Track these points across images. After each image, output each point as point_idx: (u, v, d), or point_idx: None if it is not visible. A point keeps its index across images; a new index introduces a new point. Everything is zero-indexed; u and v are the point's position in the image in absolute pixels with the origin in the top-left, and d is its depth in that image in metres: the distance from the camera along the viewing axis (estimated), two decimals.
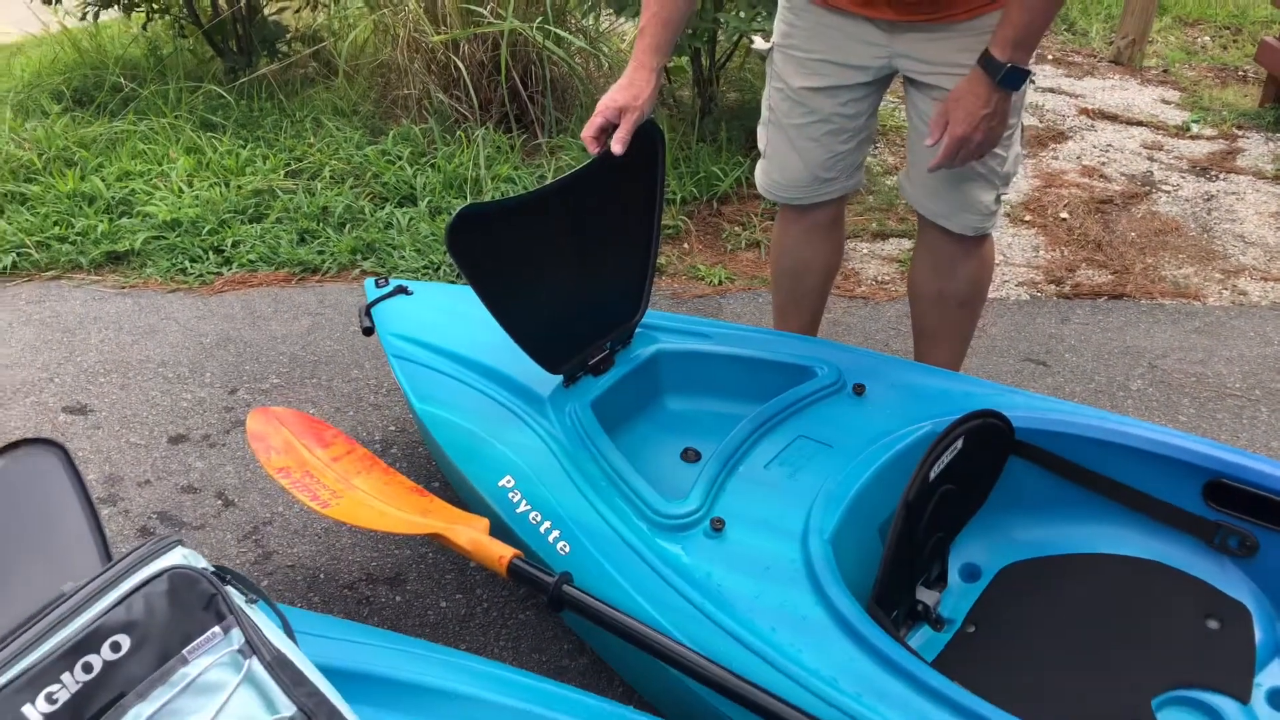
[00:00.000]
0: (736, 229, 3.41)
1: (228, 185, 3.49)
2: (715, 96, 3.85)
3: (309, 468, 1.80)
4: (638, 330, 1.94)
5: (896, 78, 1.94)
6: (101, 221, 3.27)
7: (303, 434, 1.92)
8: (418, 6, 3.77)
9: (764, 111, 2.06)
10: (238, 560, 2.03)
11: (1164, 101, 4.76)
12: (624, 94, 1.73)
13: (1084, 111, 4.61)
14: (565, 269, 1.75)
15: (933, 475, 1.53)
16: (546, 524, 1.59)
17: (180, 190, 3.45)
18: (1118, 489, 1.66)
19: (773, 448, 1.69)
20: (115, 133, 3.82)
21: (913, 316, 2.21)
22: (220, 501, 2.20)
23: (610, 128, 1.73)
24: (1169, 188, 3.84)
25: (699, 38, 3.52)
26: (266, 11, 4.40)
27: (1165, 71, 5.19)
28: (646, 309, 1.93)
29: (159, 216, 3.28)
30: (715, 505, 1.57)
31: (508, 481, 1.67)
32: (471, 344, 1.95)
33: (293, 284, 3.10)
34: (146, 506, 2.18)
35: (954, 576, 1.70)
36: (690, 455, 1.83)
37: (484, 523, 1.59)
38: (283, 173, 3.58)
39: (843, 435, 1.70)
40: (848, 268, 3.22)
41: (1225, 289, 3.15)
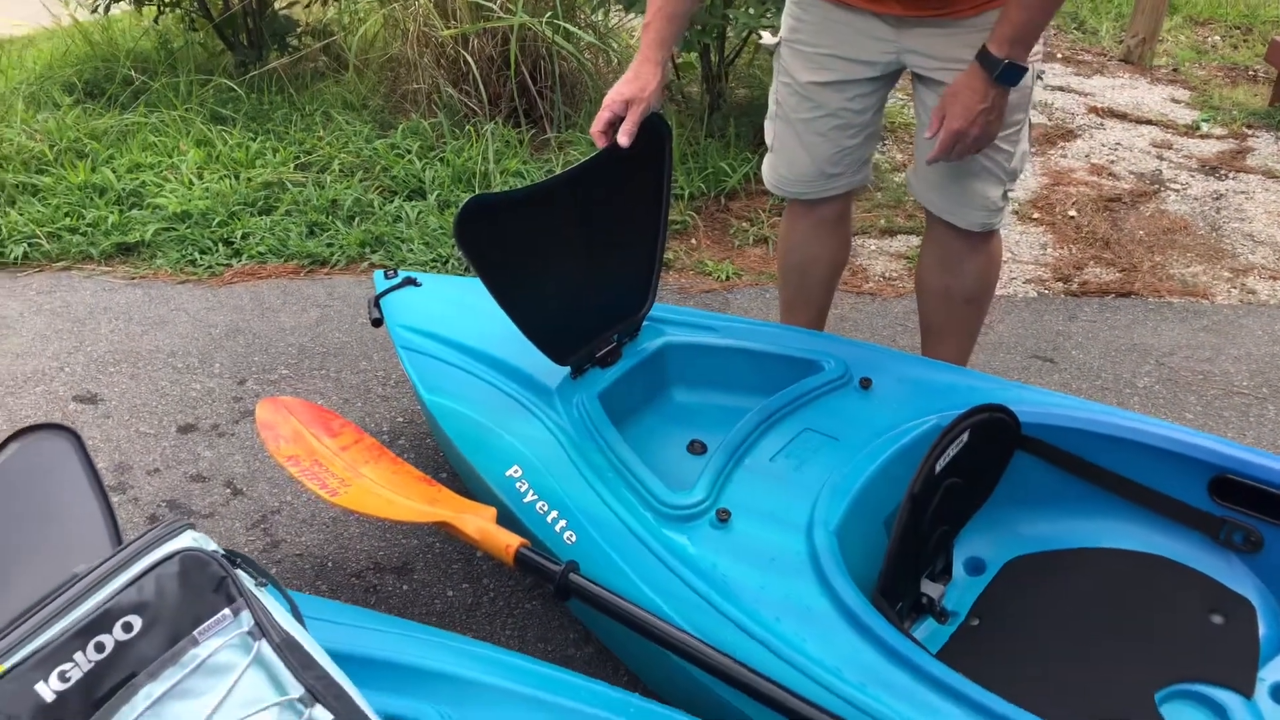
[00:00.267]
0: (744, 225, 3.41)
1: (238, 178, 3.51)
2: (724, 92, 3.86)
3: (318, 456, 1.81)
4: (645, 323, 1.95)
5: (905, 74, 1.94)
6: (112, 213, 3.29)
7: (311, 423, 1.93)
8: (427, 1, 3.78)
9: (771, 106, 2.06)
10: (246, 549, 2.05)
11: (1174, 100, 4.75)
12: (630, 87, 1.73)
13: (1093, 110, 4.60)
14: (573, 261, 1.76)
15: (938, 469, 1.53)
16: (553, 514, 1.60)
17: (190, 182, 3.46)
18: (1123, 484, 1.66)
19: (779, 440, 1.69)
20: (126, 125, 3.83)
21: (920, 312, 2.21)
22: (229, 490, 2.22)
23: (618, 122, 1.73)
24: (1178, 186, 3.83)
25: (708, 34, 3.52)
26: (277, 6, 4.42)
27: (1175, 70, 5.17)
28: (654, 302, 1.94)
29: (169, 208, 3.30)
30: (721, 496, 1.57)
31: (515, 471, 1.68)
32: (480, 336, 1.96)
33: (302, 276, 3.12)
34: (156, 495, 2.20)
35: (959, 570, 1.70)
36: (697, 447, 1.84)
37: (491, 512, 1.59)
38: (292, 166, 3.59)
39: (849, 428, 1.70)
40: (855, 264, 3.22)
41: (1234, 288, 3.15)
